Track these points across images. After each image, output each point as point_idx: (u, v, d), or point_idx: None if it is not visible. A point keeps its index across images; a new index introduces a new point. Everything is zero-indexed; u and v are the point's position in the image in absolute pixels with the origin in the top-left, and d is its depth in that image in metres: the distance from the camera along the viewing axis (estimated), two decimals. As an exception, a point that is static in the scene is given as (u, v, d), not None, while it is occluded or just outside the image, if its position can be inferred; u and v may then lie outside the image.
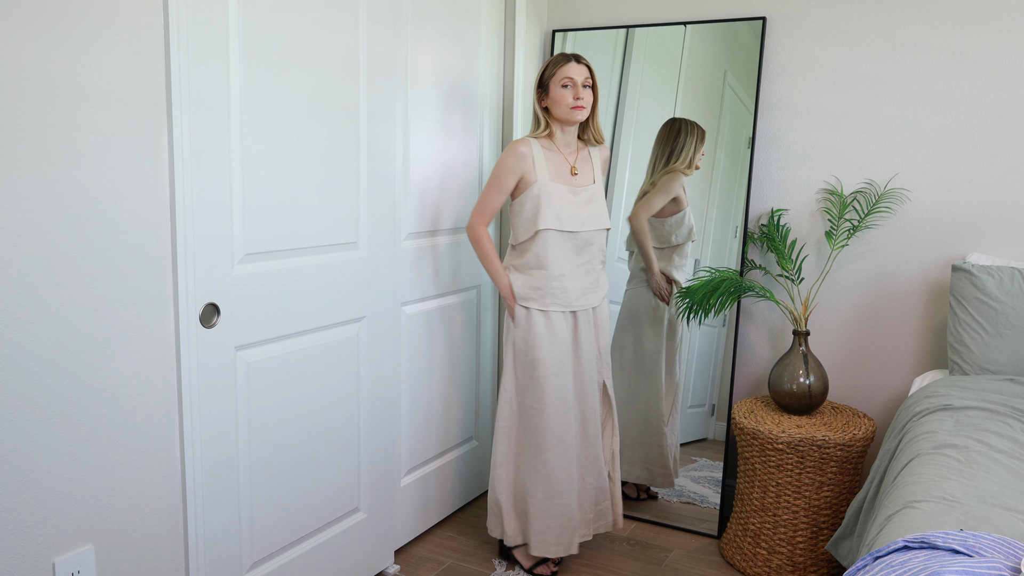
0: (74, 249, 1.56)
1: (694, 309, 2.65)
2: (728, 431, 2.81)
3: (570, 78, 2.33)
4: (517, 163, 2.36)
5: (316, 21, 2.01)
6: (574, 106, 2.34)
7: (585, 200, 2.41)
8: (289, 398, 2.07)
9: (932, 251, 2.60)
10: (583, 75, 2.35)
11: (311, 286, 2.09)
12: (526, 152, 2.37)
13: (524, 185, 2.38)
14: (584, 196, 2.41)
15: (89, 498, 1.64)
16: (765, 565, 2.47)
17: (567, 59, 2.37)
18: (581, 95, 2.35)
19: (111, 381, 1.65)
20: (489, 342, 2.97)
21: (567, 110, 2.35)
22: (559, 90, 2.35)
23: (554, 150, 2.42)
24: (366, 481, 2.37)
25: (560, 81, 2.34)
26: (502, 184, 2.39)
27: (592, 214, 2.42)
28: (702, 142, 2.80)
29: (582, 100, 2.35)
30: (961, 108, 2.52)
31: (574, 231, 2.39)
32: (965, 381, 2.18)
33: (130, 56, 1.61)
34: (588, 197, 2.42)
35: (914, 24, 2.55)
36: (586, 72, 2.36)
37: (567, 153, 2.44)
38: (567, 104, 2.34)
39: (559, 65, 2.36)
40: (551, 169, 2.39)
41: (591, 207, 2.42)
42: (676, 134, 2.82)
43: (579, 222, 2.39)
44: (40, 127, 1.48)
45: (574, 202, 2.39)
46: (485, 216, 2.43)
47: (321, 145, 2.07)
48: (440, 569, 2.55)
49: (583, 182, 2.44)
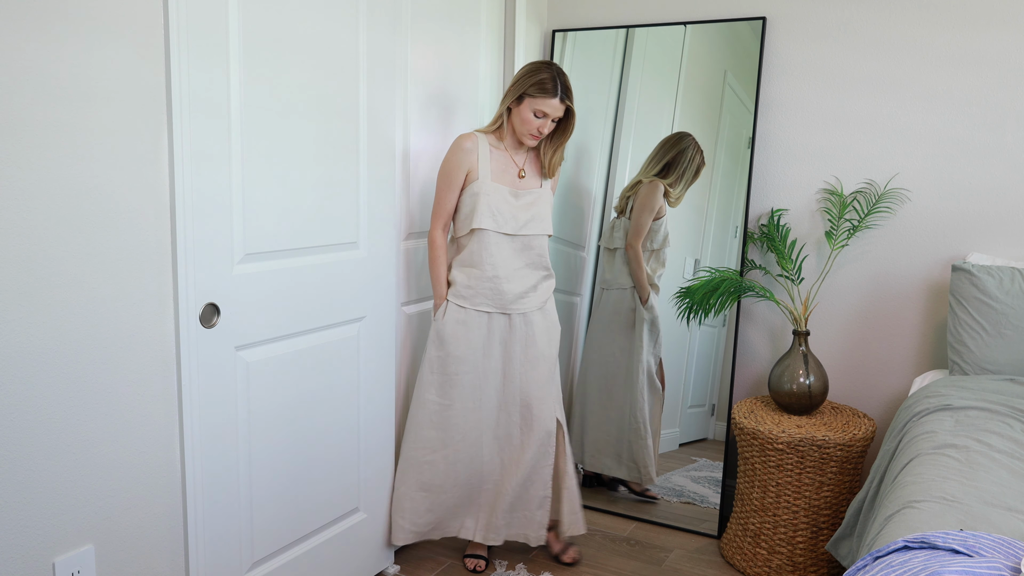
0: (74, 249, 1.56)
1: (694, 309, 2.65)
2: (728, 431, 2.81)
3: (544, 112, 2.31)
4: (463, 158, 2.35)
5: (316, 21, 2.01)
6: (533, 135, 2.35)
7: (527, 203, 2.40)
8: (289, 398, 2.07)
9: (932, 251, 2.60)
10: (558, 113, 2.33)
11: (311, 286, 2.09)
12: (471, 147, 2.36)
13: (468, 181, 2.37)
14: (527, 199, 2.40)
15: (89, 498, 1.64)
16: (765, 565, 2.47)
17: (554, 92, 2.30)
18: (544, 129, 2.34)
19: (111, 381, 1.65)
20: (489, 342, 2.98)
21: (525, 134, 2.36)
22: (528, 113, 2.32)
23: (502, 149, 2.41)
24: (366, 481, 2.37)
25: (535, 108, 2.31)
26: (452, 181, 2.37)
27: (533, 217, 2.40)
28: (695, 176, 2.80)
29: (542, 134, 2.36)
30: (961, 108, 2.52)
31: (510, 234, 2.37)
32: (965, 381, 2.18)
33: (130, 56, 1.61)
34: (531, 200, 2.40)
35: (914, 24, 2.55)
36: (562, 112, 2.34)
37: (513, 153, 2.43)
38: (528, 131, 2.35)
39: (544, 94, 2.29)
40: (495, 168, 2.38)
41: (533, 210, 2.40)
42: (681, 152, 2.81)
43: (517, 225, 2.37)
44: (41, 127, 1.48)
45: (515, 204, 2.38)
46: (441, 218, 2.40)
47: (321, 145, 2.07)
48: (440, 569, 2.55)
49: (529, 185, 2.42)
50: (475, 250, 2.37)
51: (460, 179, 2.36)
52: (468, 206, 2.36)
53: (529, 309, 2.43)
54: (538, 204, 2.41)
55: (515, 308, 2.41)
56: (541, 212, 2.42)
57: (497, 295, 2.38)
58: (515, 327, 2.42)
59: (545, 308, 2.48)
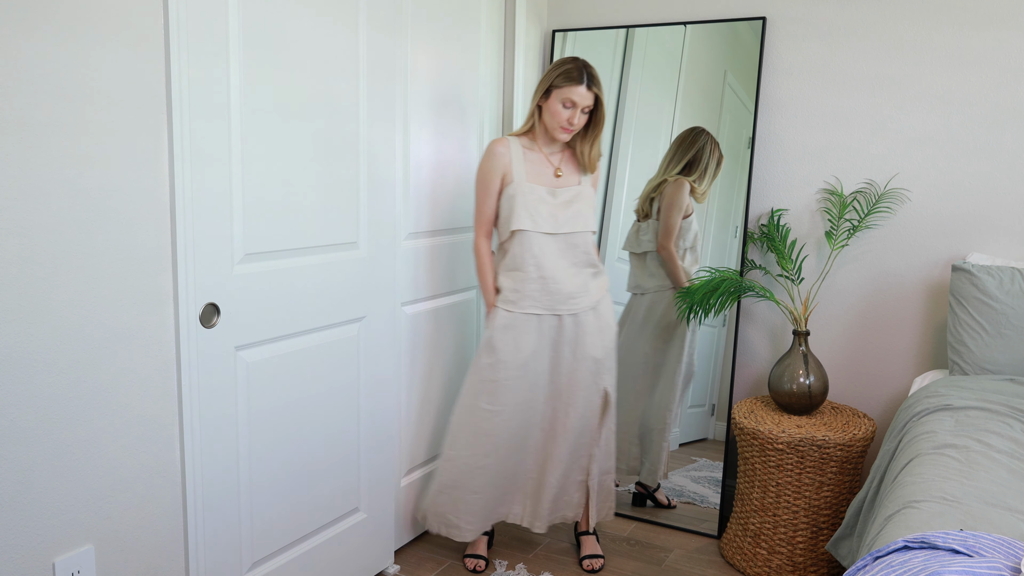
0: (74, 249, 1.56)
1: (694, 309, 2.65)
2: (728, 431, 2.81)
3: (572, 101, 2.31)
4: (496, 163, 2.37)
5: (316, 21, 2.01)
6: (565, 128, 2.34)
7: (566, 201, 2.39)
8: (289, 398, 2.07)
9: (932, 251, 2.60)
10: (587, 102, 2.32)
11: (311, 286, 2.09)
12: (503, 151, 2.37)
13: (504, 184, 2.38)
14: (565, 197, 2.39)
15: (89, 498, 1.64)
16: (765, 565, 2.47)
17: (580, 80, 2.30)
18: (575, 120, 2.33)
19: (111, 381, 1.65)
20: (489, 342, 2.97)
21: (557, 128, 2.35)
22: (557, 105, 2.32)
23: (535, 150, 2.42)
24: (366, 481, 2.37)
25: (563, 99, 2.32)
26: (488, 187, 2.39)
27: (574, 215, 2.39)
28: (718, 167, 2.79)
29: (574, 126, 2.34)
30: (961, 108, 2.52)
31: (550, 232, 2.36)
32: (965, 381, 2.18)
33: (130, 56, 1.61)
34: (570, 198, 2.39)
35: (914, 24, 2.55)
36: (591, 100, 2.32)
37: (549, 153, 2.43)
38: (559, 123, 2.34)
39: (571, 82, 2.30)
40: (529, 169, 2.38)
41: (572, 208, 2.39)
42: (701, 148, 2.80)
43: (556, 223, 2.36)
44: (41, 127, 1.48)
45: (552, 203, 2.37)
46: (483, 225, 2.43)
47: (321, 145, 2.07)
48: (440, 569, 2.55)
49: (567, 183, 2.42)
50: (517, 253, 2.37)
51: (496, 184, 2.38)
52: (506, 209, 2.37)
53: (580, 309, 2.42)
54: (578, 202, 2.40)
55: (564, 308, 2.40)
56: (582, 209, 2.40)
57: (545, 295, 2.38)
58: (565, 328, 2.42)
59: (598, 308, 2.46)
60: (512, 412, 2.41)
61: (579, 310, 2.42)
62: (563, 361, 2.44)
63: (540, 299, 2.38)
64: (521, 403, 2.42)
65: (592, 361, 2.45)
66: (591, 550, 2.58)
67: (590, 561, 2.55)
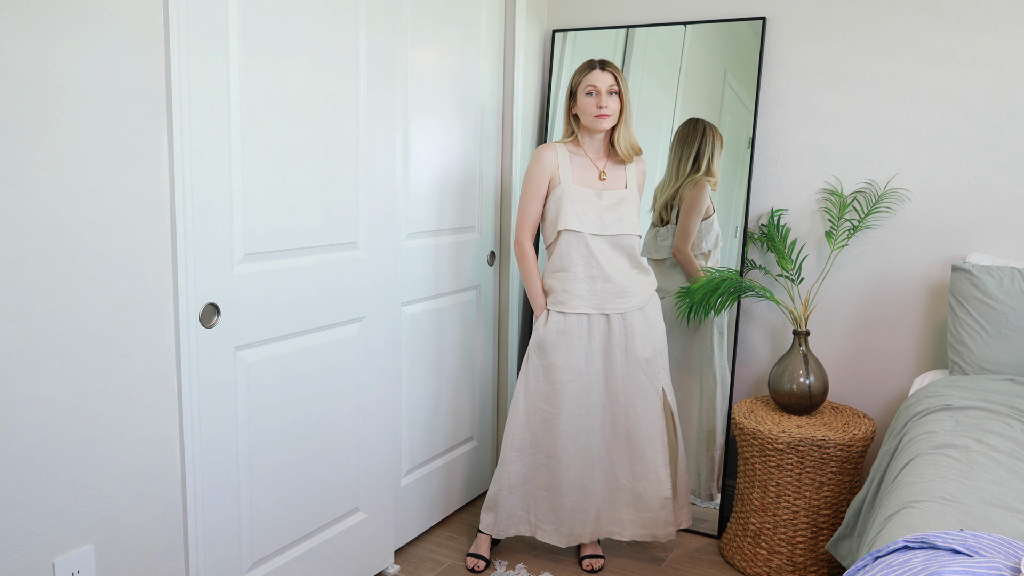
0: (73, 249, 1.56)
1: (694, 309, 2.65)
2: (728, 431, 2.81)
3: (594, 86, 2.38)
4: (544, 166, 2.42)
5: (316, 21, 2.01)
6: (598, 114, 2.38)
7: (611, 204, 2.43)
8: (289, 398, 2.07)
9: (932, 251, 2.60)
10: (607, 83, 2.38)
11: (311, 286, 2.09)
12: (551, 155, 2.43)
13: (551, 187, 2.43)
14: (611, 199, 2.43)
15: (89, 498, 1.64)
16: (765, 565, 2.47)
17: (592, 66, 2.40)
18: (605, 103, 2.38)
19: (111, 381, 1.65)
20: (489, 342, 2.97)
21: (591, 118, 2.39)
22: (584, 98, 2.39)
23: (581, 154, 2.47)
24: (366, 481, 2.37)
25: (585, 89, 2.39)
26: (535, 189, 2.44)
27: (619, 218, 2.42)
28: (721, 148, 2.78)
29: (606, 108, 2.38)
30: (961, 108, 2.52)
31: (597, 234, 2.40)
32: (965, 381, 2.18)
33: (130, 56, 1.61)
34: (615, 201, 2.43)
35: (914, 24, 2.55)
36: (611, 79, 2.39)
37: (595, 158, 2.46)
38: (591, 112, 2.39)
39: (584, 73, 2.40)
40: (576, 172, 2.43)
41: (618, 211, 2.43)
42: (700, 137, 2.79)
43: (602, 225, 2.40)
44: (40, 126, 1.48)
45: (599, 205, 2.41)
46: (526, 227, 2.47)
47: (321, 145, 2.07)
48: (440, 569, 2.55)
49: (613, 186, 2.46)
50: (564, 253, 2.41)
51: (543, 187, 2.43)
52: (553, 211, 2.42)
53: (628, 309, 2.44)
54: (623, 205, 2.44)
55: (612, 307, 2.42)
56: (626, 213, 2.44)
57: (593, 295, 2.41)
58: (614, 329, 2.44)
59: (646, 309, 2.48)
60: (569, 416, 2.44)
61: (627, 309, 2.44)
62: (616, 365, 2.46)
63: (589, 298, 2.41)
64: (577, 408, 2.44)
65: (644, 362, 2.47)
66: (591, 550, 2.58)
67: (590, 561, 2.55)
